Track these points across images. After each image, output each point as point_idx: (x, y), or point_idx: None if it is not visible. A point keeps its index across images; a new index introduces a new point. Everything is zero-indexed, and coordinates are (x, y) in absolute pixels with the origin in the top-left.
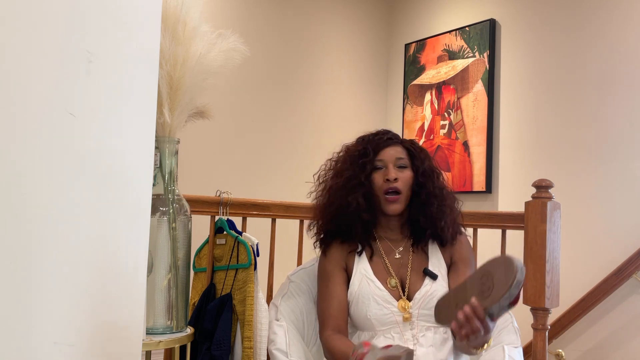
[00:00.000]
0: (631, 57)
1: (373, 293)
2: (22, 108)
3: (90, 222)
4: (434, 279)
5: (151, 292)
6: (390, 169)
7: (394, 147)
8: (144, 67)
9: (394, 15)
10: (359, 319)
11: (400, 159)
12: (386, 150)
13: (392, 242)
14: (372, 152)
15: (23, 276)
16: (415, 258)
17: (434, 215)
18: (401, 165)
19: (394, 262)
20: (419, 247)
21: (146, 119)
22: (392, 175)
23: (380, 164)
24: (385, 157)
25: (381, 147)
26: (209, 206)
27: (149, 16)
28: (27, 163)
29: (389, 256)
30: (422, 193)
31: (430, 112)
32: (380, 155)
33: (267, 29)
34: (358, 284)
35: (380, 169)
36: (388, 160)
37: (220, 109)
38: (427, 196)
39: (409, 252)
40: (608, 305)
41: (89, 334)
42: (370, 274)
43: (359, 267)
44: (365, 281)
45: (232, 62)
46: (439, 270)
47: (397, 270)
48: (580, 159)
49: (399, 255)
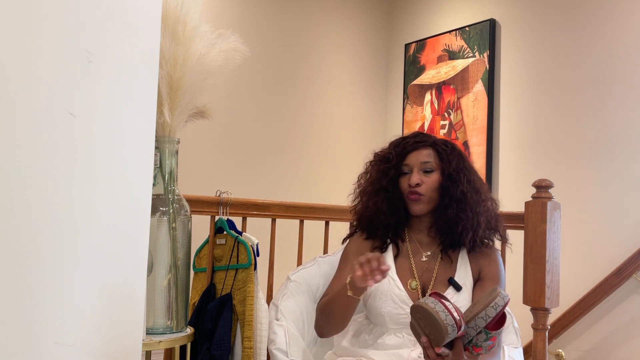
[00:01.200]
0: (631, 56)
1: (392, 291)
2: (22, 108)
3: (90, 222)
4: (458, 290)
5: (151, 292)
6: (415, 173)
7: (421, 151)
8: (144, 67)
9: (394, 15)
10: (374, 313)
11: (426, 162)
12: (412, 155)
13: (421, 245)
14: (395, 157)
15: (23, 276)
16: (442, 264)
17: (452, 219)
18: (427, 169)
19: (420, 264)
20: (448, 253)
21: (146, 119)
22: (414, 181)
23: (406, 168)
24: (411, 162)
25: (407, 151)
26: (209, 206)
27: (149, 16)
28: (26, 163)
29: (416, 258)
30: (445, 197)
31: (430, 112)
32: (407, 159)
33: (267, 29)
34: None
35: (407, 174)
36: (413, 165)
37: (220, 109)
38: (450, 200)
39: (437, 258)
40: (608, 305)
41: (89, 334)
42: (393, 272)
43: None
44: (386, 278)
45: (232, 62)
46: (464, 283)
47: (421, 273)
48: (580, 158)
49: (425, 258)
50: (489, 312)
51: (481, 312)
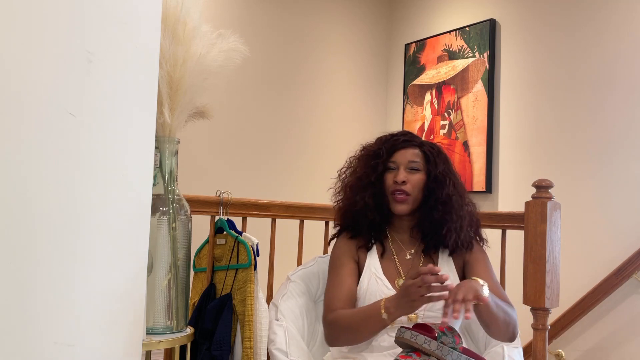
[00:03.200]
0: (631, 56)
1: (381, 292)
2: (22, 108)
3: (90, 222)
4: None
5: (151, 292)
6: (401, 171)
7: (409, 150)
8: (144, 67)
9: (394, 15)
10: None
11: (413, 162)
12: (400, 152)
13: (404, 244)
14: (385, 153)
15: (23, 276)
16: (426, 262)
17: (437, 221)
18: (413, 168)
19: (405, 262)
20: (429, 254)
21: (146, 119)
22: (400, 178)
23: (393, 165)
24: (398, 159)
25: (396, 148)
26: (209, 206)
27: (149, 16)
28: (26, 163)
29: (400, 256)
30: (431, 198)
31: (430, 112)
32: (394, 156)
33: (267, 29)
34: (367, 282)
35: (393, 170)
36: (400, 162)
37: (220, 109)
38: (435, 202)
39: (420, 256)
40: (608, 305)
41: (89, 334)
42: (380, 272)
43: (369, 263)
44: (374, 279)
45: (232, 62)
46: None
47: (407, 271)
48: (580, 158)
49: (409, 256)
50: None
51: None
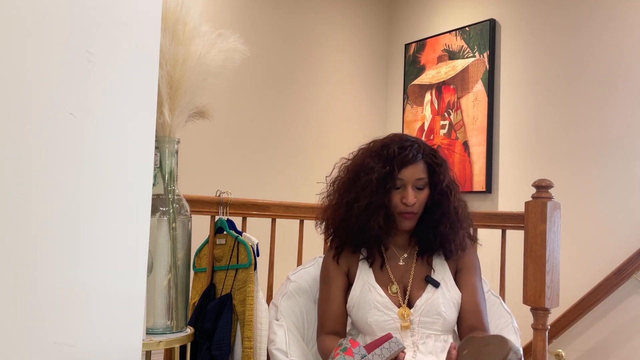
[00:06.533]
0: (631, 56)
1: (374, 299)
2: (22, 108)
3: (90, 222)
4: (436, 287)
5: (151, 292)
6: (409, 191)
7: (416, 165)
8: (144, 67)
9: (394, 15)
10: (360, 323)
11: (420, 179)
12: (408, 169)
13: (398, 250)
14: (397, 172)
15: (22, 276)
16: (419, 266)
17: (445, 235)
18: (420, 186)
19: (397, 268)
20: (424, 257)
21: (146, 119)
22: (411, 200)
23: (400, 183)
24: (406, 177)
25: (405, 165)
26: (209, 206)
27: (149, 16)
28: (26, 163)
29: (392, 263)
30: (436, 211)
31: (430, 112)
32: (402, 173)
33: (267, 29)
34: (360, 290)
35: (399, 188)
36: (408, 181)
37: (220, 109)
38: (441, 215)
39: (413, 260)
40: (608, 305)
41: (89, 334)
42: (372, 280)
43: (362, 272)
44: (367, 287)
45: (232, 62)
46: (442, 278)
47: (400, 277)
48: (580, 158)
49: (402, 262)
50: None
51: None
